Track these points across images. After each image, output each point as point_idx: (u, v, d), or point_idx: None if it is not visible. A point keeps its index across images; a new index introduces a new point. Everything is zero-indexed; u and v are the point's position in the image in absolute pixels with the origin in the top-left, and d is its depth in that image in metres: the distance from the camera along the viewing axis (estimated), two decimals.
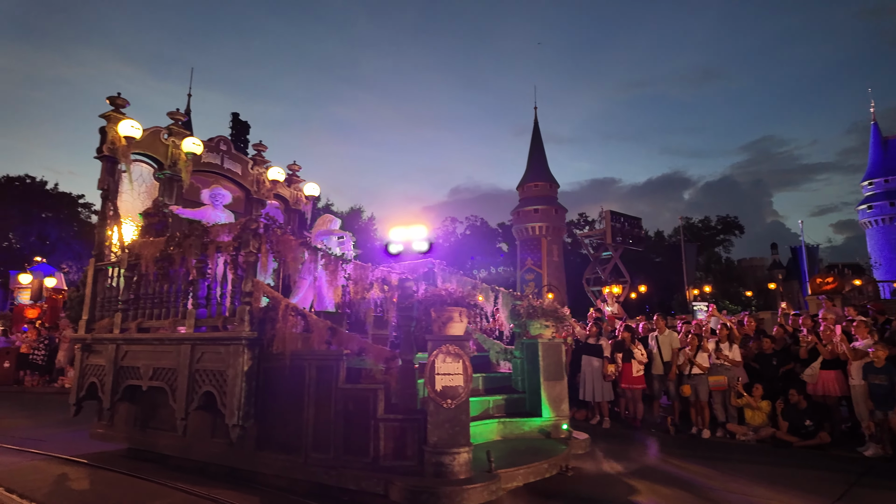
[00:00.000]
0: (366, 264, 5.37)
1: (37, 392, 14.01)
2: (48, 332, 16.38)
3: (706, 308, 21.82)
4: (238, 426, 4.90)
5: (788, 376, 7.24)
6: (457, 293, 4.35)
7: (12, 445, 6.63)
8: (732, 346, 7.48)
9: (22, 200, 48.74)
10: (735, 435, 7.06)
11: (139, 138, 6.41)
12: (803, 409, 6.65)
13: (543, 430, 5.34)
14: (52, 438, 7.02)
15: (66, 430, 7.71)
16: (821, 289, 24.73)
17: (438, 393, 4.23)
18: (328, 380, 4.73)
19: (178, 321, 5.44)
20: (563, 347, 5.51)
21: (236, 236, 5.25)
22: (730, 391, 7.25)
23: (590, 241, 48.94)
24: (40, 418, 9.11)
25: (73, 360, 14.87)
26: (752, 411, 7.03)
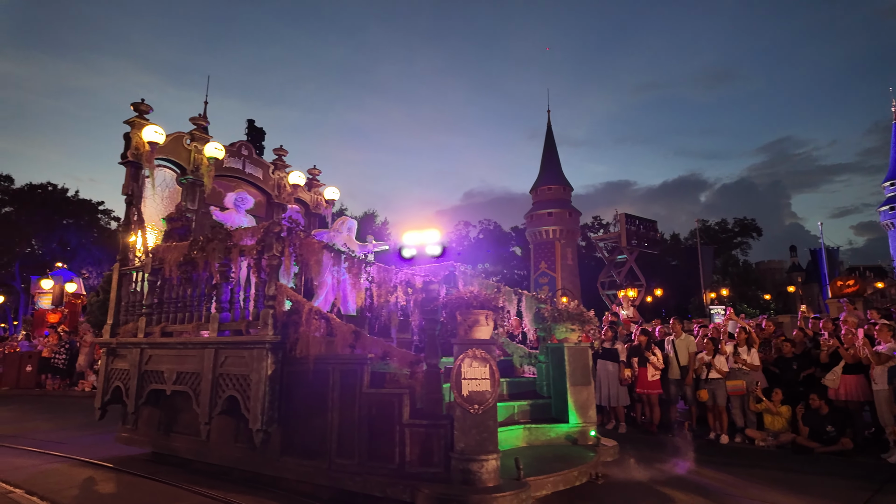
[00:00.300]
0: (389, 267, 5.32)
1: (58, 395, 14.21)
2: (69, 337, 16.62)
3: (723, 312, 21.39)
4: (261, 431, 4.87)
5: (809, 381, 7.09)
6: (482, 296, 4.27)
7: (36, 448, 6.71)
8: (751, 350, 7.35)
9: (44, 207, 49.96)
10: (754, 440, 6.91)
11: (162, 143, 6.48)
12: (825, 415, 6.48)
13: (570, 437, 5.21)
14: (73, 441, 7.10)
15: (87, 432, 7.84)
16: (842, 292, 24.11)
17: (465, 398, 4.14)
18: (352, 384, 4.67)
19: (202, 325, 5.45)
20: (590, 352, 5.38)
21: (260, 240, 5.24)
22: (748, 396, 7.10)
23: (604, 245, 48.40)
24: (61, 421, 9.26)
25: (94, 364, 15.25)
26: (772, 416, 6.89)
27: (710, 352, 7.35)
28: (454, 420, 4.14)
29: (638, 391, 7.80)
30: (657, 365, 7.57)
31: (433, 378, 4.44)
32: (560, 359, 5.32)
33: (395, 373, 4.65)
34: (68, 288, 32.24)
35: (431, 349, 4.51)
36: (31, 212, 48.97)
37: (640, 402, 7.93)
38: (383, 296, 5.02)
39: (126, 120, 6.43)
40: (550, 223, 52.62)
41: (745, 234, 56.43)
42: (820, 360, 7.07)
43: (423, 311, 4.51)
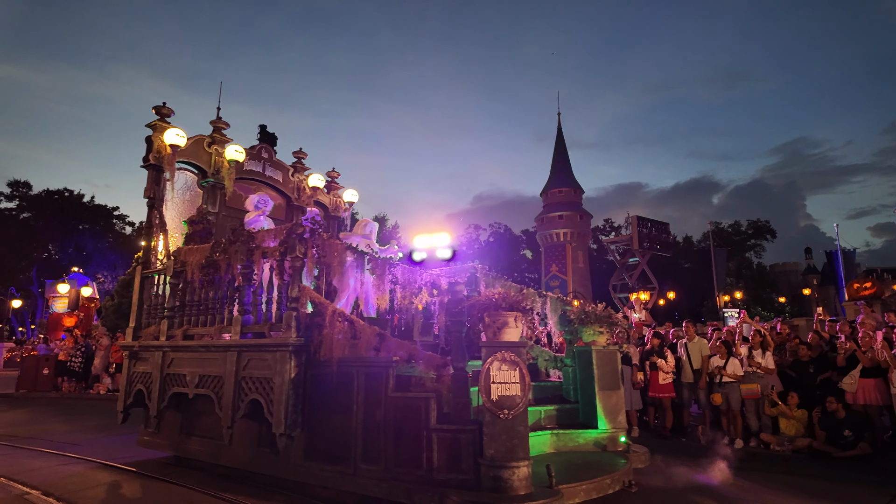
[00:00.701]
0: (414, 268, 5.24)
1: (73, 398, 14.35)
2: (85, 340, 16.78)
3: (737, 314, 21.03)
4: (285, 435, 4.80)
5: (825, 385, 6.96)
6: (511, 297, 4.16)
7: (53, 450, 6.73)
8: (765, 354, 7.23)
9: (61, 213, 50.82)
10: (769, 445, 6.78)
11: (183, 146, 6.49)
12: (842, 419, 6.34)
13: (599, 443, 5.06)
14: (89, 443, 7.12)
15: (102, 435, 7.91)
16: (858, 294, 23.57)
17: (494, 403, 4.02)
18: (377, 388, 4.58)
19: (224, 328, 5.40)
20: (619, 355, 5.25)
21: (282, 241, 5.19)
22: (763, 400, 6.98)
23: (616, 247, 47.99)
24: (77, 423, 9.33)
25: (109, 367, 15.37)
26: (787, 421, 6.76)
27: (723, 355, 7.26)
28: (483, 425, 4.03)
29: (650, 395, 7.67)
30: (665, 369, 7.48)
31: (460, 382, 4.33)
32: (588, 362, 5.18)
33: (421, 376, 4.55)
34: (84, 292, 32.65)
35: (458, 352, 4.40)
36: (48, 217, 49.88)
37: (653, 406, 7.82)
38: (408, 297, 4.93)
39: (148, 123, 6.44)
40: (561, 226, 52.33)
41: (759, 236, 55.61)
42: (837, 363, 6.97)
43: (449, 312, 4.41)
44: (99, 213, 53.32)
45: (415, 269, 5.18)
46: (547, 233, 53.10)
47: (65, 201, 51.68)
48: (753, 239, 55.40)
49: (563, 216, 52.67)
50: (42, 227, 48.29)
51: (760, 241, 55.68)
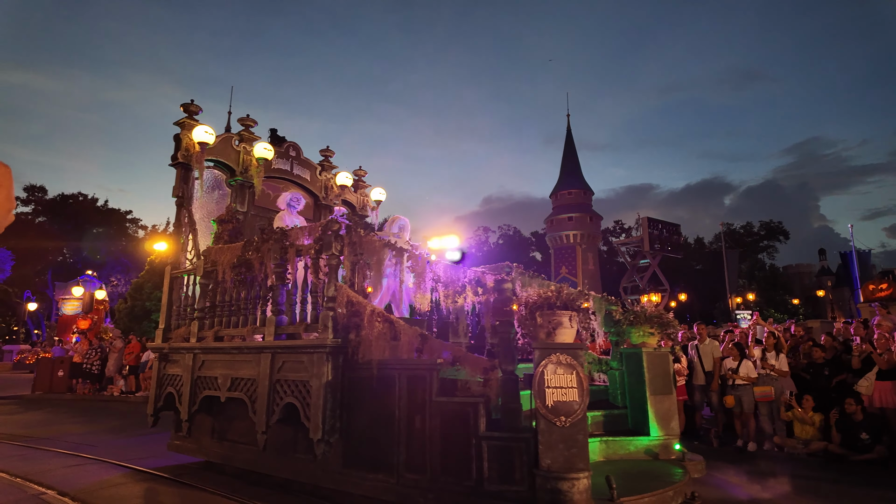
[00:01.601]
0: (457, 265, 5.01)
1: (88, 399, 14.46)
2: (99, 343, 16.89)
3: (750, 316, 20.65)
4: (322, 441, 4.57)
5: (840, 387, 6.83)
6: (564, 296, 3.92)
7: (71, 451, 6.66)
8: (779, 356, 7.10)
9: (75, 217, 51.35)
10: (783, 448, 6.63)
11: (212, 144, 6.33)
12: (859, 422, 6.20)
13: (650, 451, 4.79)
14: (104, 444, 7.11)
15: (118, 436, 7.90)
16: (874, 296, 23.02)
17: (550, 409, 3.77)
18: (420, 392, 4.34)
19: (257, 329, 5.21)
20: (671, 357, 4.97)
21: (317, 238, 4.99)
22: (778, 402, 6.84)
23: (626, 249, 47.50)
24: (93, 425, 9.34)
25: (122, 369, 15.40)
26: (802, 424, 6.64)
27: (735, 357, 7.14)
28: (538, 433, 3.78)
29: None
30: (681, 371, 7.30)
31: (510, 386, 4.08)
32: (637, 365, 4.92)
33: (467, 380, 4.31)
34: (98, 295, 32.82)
35: (506, 354, 4.16)
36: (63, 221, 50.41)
37: None
38: (451, 297, 4.70)
39: (176, 121, 6.28)
40: (571, 228, 51.92)
41: (772, 237, 54.80)
42: (852, 365, 6.86)
43: (496, 312, 4.17)
44: (112, 216, 53.84)
45: (457, 267, 4.95)
46: (556, 235, 52.73)
47: (79, 205, 52.23)
48: (766, 240, 54.60)
49: (573, 218, 52.29)
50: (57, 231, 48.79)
51: (773, 242, 54.85)
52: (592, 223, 52.75)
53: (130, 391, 14.61)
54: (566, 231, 52.13)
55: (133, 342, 16.01)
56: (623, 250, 48.39)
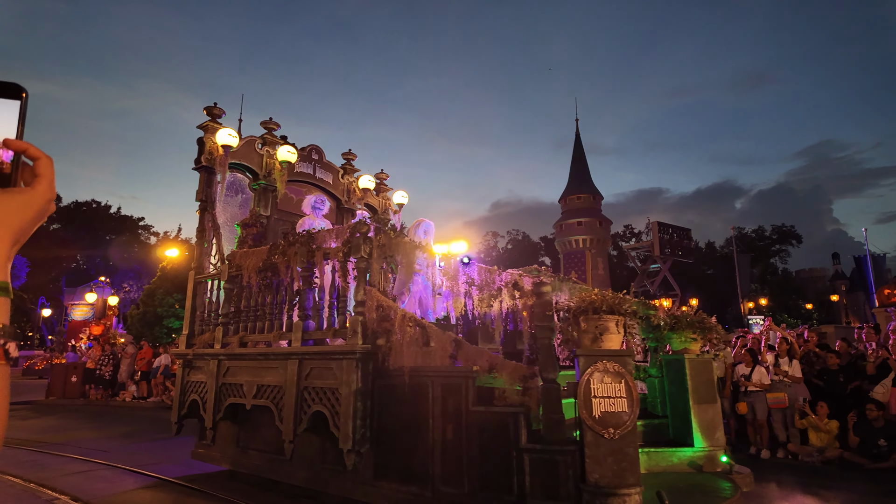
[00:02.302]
0: (491, 267, 4.83)
1: (100, 405, 14.51)
2: (111, 348, 17.04)
3: (762, 321, 20.23)
4: (353, 451, 4.39)
5: (855, 394, 6.69)
6: (610, 299, 3.73)
7: (84, 457, 6.60)
8: (792, 362, 6.95)
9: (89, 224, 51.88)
10: (798, 455, 6.46)
11: (235, 147, 6.23)
12: (879, 428, 6.01)
13: (694, 463, 4.55)
14: (117, 450, 7.10)
15: (130, 442, 7.88)
16: (889, 300, 22.44)
17: (597, 420, 3.57)
18: (456, 400, 4.16)
19: (283, 334, 5.06)
20: (714, 364, 4.75)
21: (346, 241, 4.84)
22: (792, 409, 6.69)
23: (637, 254, 47.02)
24: (106, 430, 9.38)
25: (134, 375, 15.42)
26: (817, 432, 6.48)
27: (748, 363, 7.00)
28: (585, 446, 3.57)
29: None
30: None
31: (552, 395, 3.88)
32: (679, 372, 4.69)
33: (505, 388, 4.12)
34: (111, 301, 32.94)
35: (547, 361, 3.96)
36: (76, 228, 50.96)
37: None
38: (486, 300, 4.52)
39: (199, 125, 6.20)
40: (580, 232, 51.49)
41: (784, 241, 53.99)
42: (867, 371, 6.74)
43: (536, 317, 3.99)
44: (125, 223, 54.37)
45: (492, 269, 4.77)
46: (566, 239, 52.33)
47: (92, 212, 52.80)
48: (778, 244, 53.79)
49: (582, 223, 51.90)
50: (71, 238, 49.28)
51: (785, 246, 54.02)
52: (602, 228, 52.32)
53: (142, 397, 14.66)
54: (576, 236, 51.72)
55: (145, 348, 16.11)
56: (633, 255, 47.90)
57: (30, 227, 0.68)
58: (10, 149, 0.67)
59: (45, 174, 0.69)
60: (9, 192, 0.66)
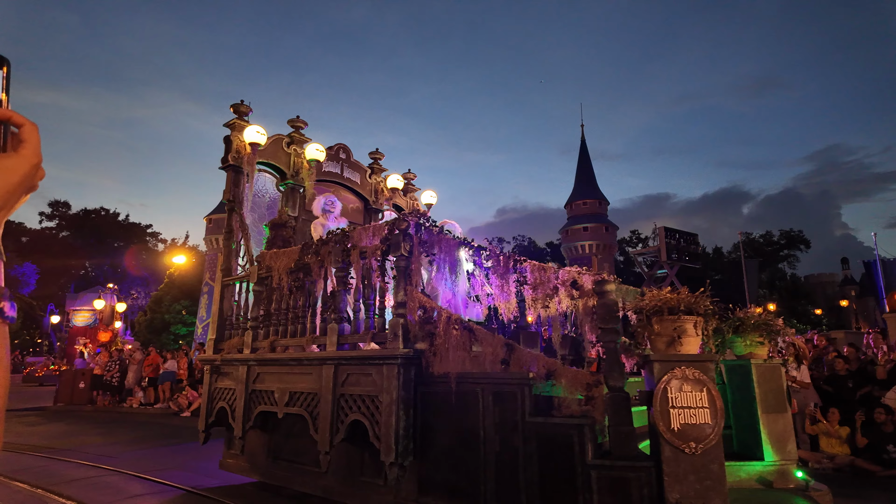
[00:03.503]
0: (546, 264, 4.48)
1: (108, 411, 14.49)
2: (119, 355, 17.15)
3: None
4: (396, 465, 4.05)
5: (865, 400, 6.55)
6: (686, 298, 3.39)
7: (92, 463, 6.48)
8: (800, 367, 6.76)
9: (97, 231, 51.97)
10: (808, 462, 6.20)
11: (263, 145, 5.97)
12: (888, 433, 5.84)
13: (764, 479, 4.17)
14: (124, 456, 7.06)
15: (138, 448, 7.81)
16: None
17: (676, 433, 3.22)
18: (510, 410, 3.81)
19: (317, 338, 4.74)
20: (783, 370, 4.39)
21: (384, 238, 4.53)
22: (801, 415, 6.53)
23: (643, 259, 46.44)
24: (113, 436, 9.34)
25: (141, 381, 15.32)
26: (829, 438, 6.32)
27: None
28: (662, 462, 3.22)
29: None
30: None
31: (620, 405, 3.53)
32: (744, 379, 4.33)
33: (565, 398, 3.78)
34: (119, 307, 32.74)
35: (613, 368, 3.61)
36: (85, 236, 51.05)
37: None
38: (540, 301, 4.19)
39: (225, 123, 5.95)
40: (586, 238, 51.11)
41: (793, 246, 53.40)
42: (877, 376, 6.65)
43: (600, 318, 3.66)
44: (133, 230, 54.44)
45: (547, 266, 4.43)
46: (572, 245, 51.96)
47: (101, 220, 52.93)
48: (786, 249, 53.21)
49: (589, 228, 51.56)
50: (80, 245, 49.32)
51: (794, 251, 53.42)
52: (608, 233, 51.95)
53: (149, 403, 14.67)
54: (582, 241, 51.35)
55: (152, 354, 16.16)
56: (640, 260, 47.33)
57: (16, 191, 0.67)
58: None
59: (30, 139, 0.69)
60: None
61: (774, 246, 53.41)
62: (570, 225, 52.70)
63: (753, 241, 53.09)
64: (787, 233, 53.47)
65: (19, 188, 0.67)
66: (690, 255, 44.86)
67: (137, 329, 36.00)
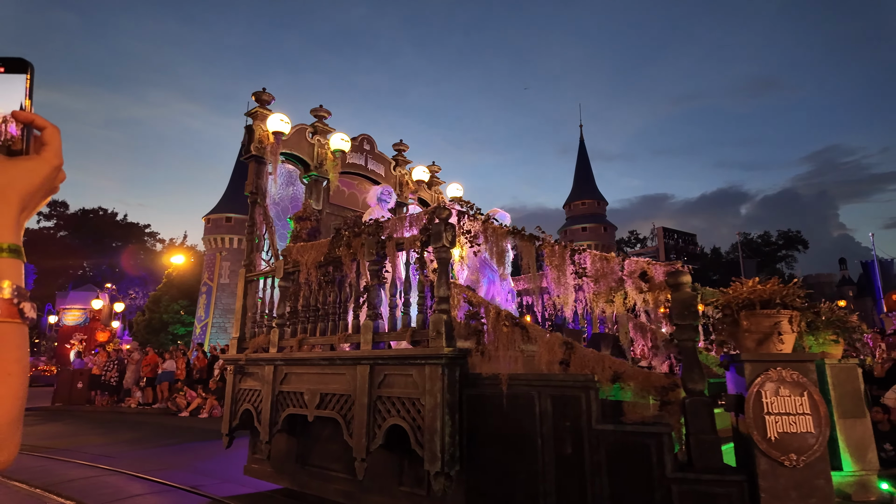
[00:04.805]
0: (609, 254, 4.08)
1: (106, 411, 14.25)
2: (117, 355, 17.07)
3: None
4: (443, 475, 3.64)
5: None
6: (779, 290, 3.02)
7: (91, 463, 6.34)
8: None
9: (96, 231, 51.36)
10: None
11: (287, 135, 5.58)
12: (883, 433, 5.58)
13: (842, 491, 3.77)
14: (123, 456, 6.92)
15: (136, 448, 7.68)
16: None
17: (773, 444, 2.83)
18: (573, 417, 3.40)
19: (349, 336, 4.32)
20: (860, 371, 4.03)
21: (423, 228, 4.13)
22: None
23: None
24: (112, 436, 9.21)
25: (139, 381, 15.06)
26: None
27: None
28: (758, 476, 2.84)
29: None
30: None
31: (701, 411, 3.13)
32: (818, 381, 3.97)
33: (635, 402, 3.40)
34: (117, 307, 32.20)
35: (692, 369, 3.22)
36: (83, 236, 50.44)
37: None
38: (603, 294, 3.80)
39: (247, 112, 5.60)
40: (585, 238, 50.80)
41: (790, 246, 53.37)
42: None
43: (675, 314, 3.28)
44: (131, 230, 53.83)
45: (610, 256, 4.04)
46: None
47: (99, 220, 52.29)
48: (784, 250, 53.16)
49: (587, 228, 51.34)
50: (78, 245, 48.68)
51: (792, 251, 53.38)
52: (607, 233, 51.75)
53: (147, 403, 14.40)
54: (580, 241, 51.12)
55: (150, 354, 16.03)
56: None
57: (38, 193, 0.69)
58: (18, 120, 0.68)
59: (51, 142, 0.70)
60: (15, 159, 0.67)
61: (772, 246, 53.36)
62: (569, 225, 52.47)
63: (751, 241, 53.05)
64: (786, 233, 53.43)
65: (41, 190, 0.68)
66: (689, 256, 44.77)
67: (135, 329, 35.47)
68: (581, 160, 55.35)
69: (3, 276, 0.63)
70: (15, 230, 0.66)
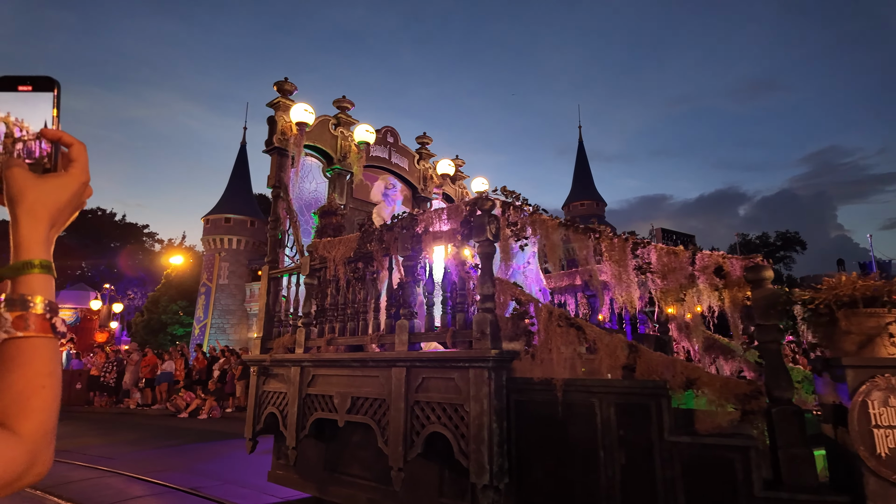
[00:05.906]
0: (677, 248, 3.76)
1: (105, 412, 14.06)
2: (115, 356, 16.86)
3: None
4: (491, 488, 3.30)
5: None
6: (885, 286, 2.68)
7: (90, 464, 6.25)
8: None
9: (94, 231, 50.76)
10: None
11: (311, 126, 5.23)
12: None
13: None
14: (122, 457, 6.82)
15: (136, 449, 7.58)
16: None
17: (884, 460, 2.47)
18: (641, 427, 3.04)
19: (382, 336, 3.96)
20: None
21: (463, 221, 3.78)
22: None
23: None
24: (111, 437, 9.11)
25: (139, 382, 14.76)
26: None
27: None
28: (866, 497, 2.50)
29: None
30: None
31: (790, 421, 2.79)
32: None
33: (710, 411, 3.05)
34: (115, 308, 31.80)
35: (779, 375, 2.87)
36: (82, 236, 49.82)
37: None
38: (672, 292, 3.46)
39: (269, 103, 5.26)
40: None
41: (789, 247, 53.30)
42: None
43: (757, 313, 2.95)
44: (130, 231, 53.29)
45: (678, 251, 3.70)
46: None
47: (98, 220, 51.73)
48: (782, 251, 53.07)
49: None
50: (76, 246, 48.06)
51: (790, 252, 53.30)
52: None
53: (146, 404, 14.20)
54: None
55: (149, 355, 15.76)
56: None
57: (66, 209, 0.70)
58: (47, 138, 0.70)
59: (79, 158, 0.71)
60: (45, 176, 0.68)
61: (770, 247, 53.24)
62: None
63: (750, 242, 52.97)
64: (784, 234, 53.37)
65: (69, 206, 0.70)
66: None
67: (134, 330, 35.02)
68: (580, 161, 55.18)
69: (35, 292, 0.64)
70: (46, 246, 0.68)
